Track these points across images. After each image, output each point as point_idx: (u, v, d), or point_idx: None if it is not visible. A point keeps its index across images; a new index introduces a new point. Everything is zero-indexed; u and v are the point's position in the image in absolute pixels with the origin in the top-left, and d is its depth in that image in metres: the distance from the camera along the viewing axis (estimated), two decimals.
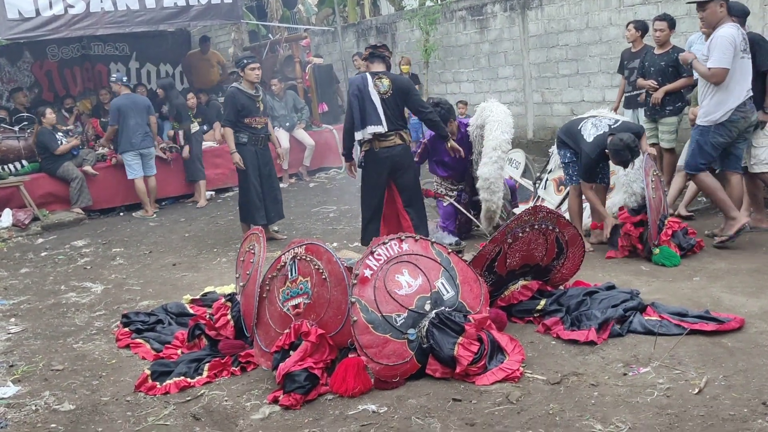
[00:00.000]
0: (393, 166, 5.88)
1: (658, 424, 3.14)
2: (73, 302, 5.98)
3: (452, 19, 11.57)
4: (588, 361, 3.83)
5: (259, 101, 7.18)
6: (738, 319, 4.05)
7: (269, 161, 7.37)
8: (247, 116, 7.07)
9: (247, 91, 7.06)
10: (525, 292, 4.58)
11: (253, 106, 7.09)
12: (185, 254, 7.33)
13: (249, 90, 7.07)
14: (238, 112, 7.02)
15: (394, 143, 5.82)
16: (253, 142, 7.13)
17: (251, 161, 7.12)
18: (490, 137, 6.34)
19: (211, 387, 4.03)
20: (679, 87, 7.11)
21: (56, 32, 9.75)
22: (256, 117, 7.12)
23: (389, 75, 5.87)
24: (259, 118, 7.15)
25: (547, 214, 4.54)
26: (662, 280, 5.02)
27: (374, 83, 5.76)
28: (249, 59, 7.14)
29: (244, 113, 7.04)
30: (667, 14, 7.33)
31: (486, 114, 6.49)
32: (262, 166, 7.23)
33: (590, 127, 5.86)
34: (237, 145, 7.07)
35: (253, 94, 7.09)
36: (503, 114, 6.44)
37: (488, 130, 6.40)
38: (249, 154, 7.11)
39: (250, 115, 7.08)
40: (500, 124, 6.36)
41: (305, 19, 15.10)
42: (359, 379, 3.71)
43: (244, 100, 7.03)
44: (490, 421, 3.32)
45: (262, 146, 7.22)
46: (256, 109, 7.12)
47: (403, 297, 3.92)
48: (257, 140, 7.16)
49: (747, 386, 3.38)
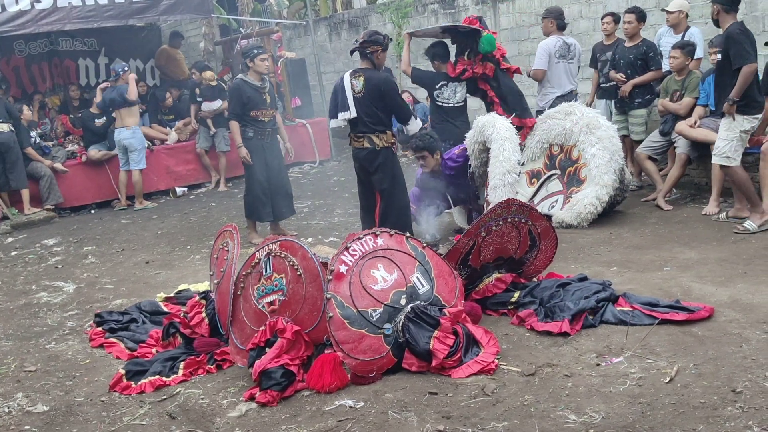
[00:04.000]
0: (361, 167, 5.83)
1: (630, 413, 3.19)
2: (44, 302, 5.90)
3: (424, 13, 11.57)
4: (562, 352, 3.88)
5: (266, 93, 6.90)
6: (708, 308, 4.12)
7: (278, 155, 7.11)
8: (254, 109, 6.78)
9: (254, 83, 6.79)
10: (499, 285, 4.62)
11: (260, 98, 6.82)
12: (158, 252, 7.27)
13: (255, 81, 6.81)
14: (243, 104, 6.75)
15: (362, 145, 5.71)
16: (260, 136, 6.85)
17: (258, 156, 6.84)
18: (501, 158, 6.09)
19: (186, 385, 4.02)
20: (648, 80, 7.21)
21: (23, 28, 9.58)
22: (263, 109, 6.84)
23: (366, 73, 5.66)
24: (266, 110, 6.87)
25: (520, 207, 4.59)
26: (633, 271, 5.09)
27: (351, 81, 5.66)
28: (259, 49, 6.87)
29: (250, 106, 6.77)
30: (637, 7, 7.41)
31: (488, 132, 6.21)
32: (269, 160, 6.94)
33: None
34: (243, 139, 6.80)
35: (259, 86, 6.82)
36: (508, 130, 6.21)
37: (496, 149, 6.12)
38: (256, 149, 6.83)
39: (257, 107, 6.79)
40: (509, 142, 6.13)
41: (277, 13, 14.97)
42: (336, 374, 3.72)
43: (250, 92, 6.76)
44: (466, 414, 3.35)
45: (269, 140, 6.94)
46: (262, 101, 6.84)
47: (379, 292, 3.93)
48: (264, 134, 6.88)
49: (717, 374, 3.45)
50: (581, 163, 6.44)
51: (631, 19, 7.25)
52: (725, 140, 5.68)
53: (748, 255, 5.13)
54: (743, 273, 4.78)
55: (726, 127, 5.67)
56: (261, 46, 7.14)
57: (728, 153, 5.67)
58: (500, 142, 6.12)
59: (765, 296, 4.32)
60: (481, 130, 6.29)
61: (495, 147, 6.14)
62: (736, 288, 4.52)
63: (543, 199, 6.68)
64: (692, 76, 6.66)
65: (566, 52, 7.36)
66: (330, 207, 8.37)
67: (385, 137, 5.70)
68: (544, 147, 6.77)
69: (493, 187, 6.11)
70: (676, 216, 6.37)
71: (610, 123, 6.65)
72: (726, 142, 5.67)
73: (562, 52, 7.35)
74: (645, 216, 6.51)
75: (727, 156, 5.68)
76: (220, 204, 9.43)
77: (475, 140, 6.36)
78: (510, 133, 6.19)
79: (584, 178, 6.40)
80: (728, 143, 5.65)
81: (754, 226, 5.61)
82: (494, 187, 6.11)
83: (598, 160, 6.26)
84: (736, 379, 3.37)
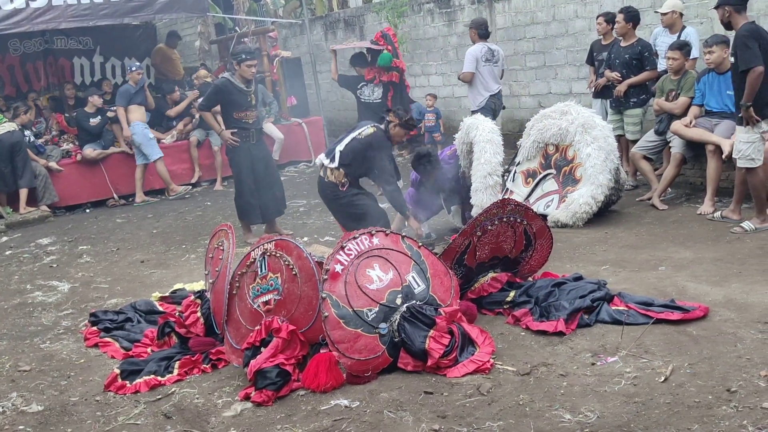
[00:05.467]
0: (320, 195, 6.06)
1: (625, 412, 3.20)
2: (39, 301, 5.89)
3: (420, 12, 11.56)
4: (557, 352, 3.88)
5: (251, 94, 6.82)
6: (702, 308, 4.13)
7: (264, 155, 7.02)
8: (237, 110, 6.72)
9: (239, 85, 6.71)
10: (494, 284, 4.62)
11: (244, 99, 6.74)
12: (153, 251, 7.25)
13: (241, 84, 6.72)
14: (224, 104, 6.73)
15: (323, 174, 5.86)
16: (245, 138, 6.78)
17: (245, 158, 6.77)
18: (482, 161, 6.08)
19: (181, 385, 4.01)
20: (643, 80, 7.23)
21: (17, 26, 9.55)
22: (247, 111, 6.76)
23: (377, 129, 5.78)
24: (250, 112, 6.79)
25: (516, 207, 4.59)
26: (629, 270, 5.10)
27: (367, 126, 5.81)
28: (247, 55, 6.75)
29: (233, 107, 6.72)
30: (629, 7, 7.43)
31: (473, 134, 6.23)
32: (256, 162, 6.86)
33: None
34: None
35: (244, 89, 6.73)
36: (491, 132, 6.20)
37: (478, 152, 6.12)
38: (241, 152, 6.76)
39: (240, 109, 6.72)
40: (491, 144, 6.12)
41: (272, 12, 14.95)
42: (331, 374, 3.72)
43: (234, 93, 6.69)
44: (462, 413, 3.35)
45: (255, 141, 6.86)
46: (247, 103, 6.76)
47: (375, 291, 3.93)
48: (249, 136, 6.79)
49: (711, 374, 3.45)
50: (577, 162, 6.44)
51: (619, 19, 7.29)
52: (747, 142, 5.55)
53: (742, 255, 5.14)
54: (738, 272, 4.79)
55: (745, 129, 5.58)
56: (253, 51, 7.12)
57: (752, 155, 5.54)
58: (482, 145, 6.12)
59: (759, 296, 4.33)
60: (467, 131, 6.33)
61: (477, 149, 6.14)
62: (730, 287, 4.53)
63: (538, 198, 6.69)
64: (688, 76, 6.67)
65: (491, 56, 8.18)
66: (325, 206, 8.35)
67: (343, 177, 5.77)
68: (540, 146, 6.78)
69: (475, 189, 6.10)
70: (671, 215, 6.38)
71: (605, 123, 6.66)
72: (748, 144, 5.54)
73: (488, 57, 8.16)
74: (640, 215, 6.52)
75: (751, 158, 5.55)
76: (215, 203, 9.42)
77: (462, 141, 6.41)
78: (493, 135, 6.18)
79: (580, 178, 6.41)
80: (750, 145, 5.53)
81: (752, 227, 5.61)
82: (475, 190, 6.09)
83: (594, 160, 6.27)
84: (731, 379, 3.38)
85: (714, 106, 6.41)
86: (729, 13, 5.48)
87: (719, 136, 6.18)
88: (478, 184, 6.07)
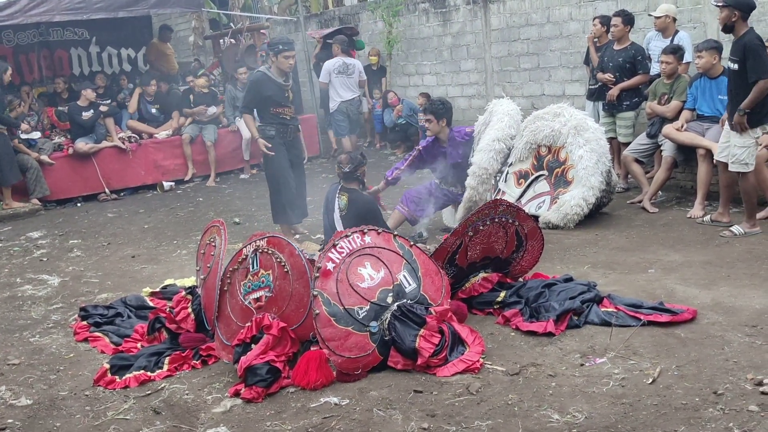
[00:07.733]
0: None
1: (613, 413, 3.22)
2: (29, 295, 5.87)
3: (415, 11, 11.57)
4: (546, 352, 3.91)
5: (289, 90, 6.56)
6: (691, 311, 4.16)
7: (300, 153, 6.83)
8: (275, 106, 6.44)
9: (276, 79, 6.42)
10: (485, 285, 4.64)
11: (282, 94, 6.47)
12: (144, 246, 7.24)
13: (278, 78, 6.44)
14: (262, 100, 6.43)
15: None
16: (282, 135, 6.51)
17: (282, 156, 6.47)
18: (496, 127, 6.24)
19: (171, 381, 4.01)
20: (635, 84, 7.28)
21: (11, 18, 9.49)
22: (285, 107, 6.52)
23: (350, 194, 5.53)
24: (287, 108, 6.54)
25: (508, 208, 4.61)
26: (618, 272, 5.12)
27: (338, 196, 5.57)
28: (285, 45, 6.41)
29: (271, 102, 6.43)
30: (624, 11, 7.46)
31: (496, 108, 6.44)
32: (293, 158, 6.64)
33: None
34: (265, 138, 6.48)
35: (282, 82, 6.45)
36: (514, 110, 6.42)
37: (495, 121, 6.28)
38: (279, 149, 6.47)
39: (279, 104, 6.45)
40: (509, 117, 6.27)
41: (267, 9, 14.94)
42: (321, 371, 3.73)
43: (272, 87, 6.40)
44: (451, 412, 3.37)
45: (291, 138, 6.62)
46: (284, 98, 6.49)
47: (366, 290, 3.94)
48: (286, 132, 6.54)
49: (699, 376, 3.48)
50: (569, 164, 6.46)
51: (617, 22, 7.32)
52: (742, 147, 5.54)
53: (731, 258, 5.18)
54: (726, 276, 4.83)
55: (740, 134, 5.57)
56: (290, 42, 6.62)
57: (746, 159, 5.56)
58: (500, 116, 6.37)
59: (747, 299, 4.36)
60: (491, 111, 6.50)
61: (495, 119, 6.35)
62: (719, 291, 4.56)
63: (530, 199, 6.70)
64: (680, 80, 6.71)
65: (345, 69, 10.08)
66: (318, 204, 8.27)
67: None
68: (532, 148, 6.79)
69: (480, 149, 6.25)
70: (661, 219, 6.42)
71: (597, 125, 6.69)
72: (743, 149, 5.54)
73: (341, 70, 10.10)
74: (631, 218, 6.56)
75: (745, 163, 5.56)
76: (207, 199, 9.41)
77: (484, 122, 6.54)
78: (514, 112, 6.41)
79: (571, 180, 6.43)
80: (745, 150, 5.53)
81: (742, 231, 5.65)
82: (480, 150, 6.25)
83: (586, 162, 6.29)
84: (718, 381, 3.41)
85: (706, 111, 6.45)
86: (736, 17, 5.44)
87: (710, 140, 6.21)
88: (484, 145, 6.22)
